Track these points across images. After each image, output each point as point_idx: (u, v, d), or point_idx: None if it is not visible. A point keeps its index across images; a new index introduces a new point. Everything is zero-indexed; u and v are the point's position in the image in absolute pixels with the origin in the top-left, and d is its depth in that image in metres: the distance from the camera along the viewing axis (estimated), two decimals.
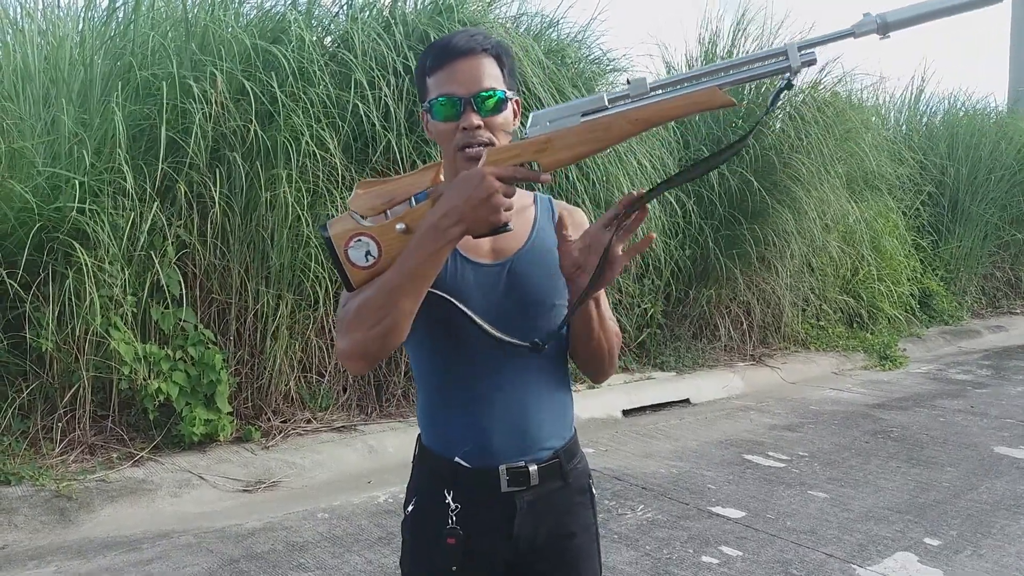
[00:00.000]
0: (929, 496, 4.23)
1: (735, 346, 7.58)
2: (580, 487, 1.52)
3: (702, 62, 7.93)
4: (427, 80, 1.42)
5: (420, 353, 1.48)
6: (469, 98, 1.37)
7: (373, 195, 1.30)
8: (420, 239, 1.26)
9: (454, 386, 1.45)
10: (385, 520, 3.81)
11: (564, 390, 1.52)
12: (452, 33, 1.45)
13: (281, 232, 4.56)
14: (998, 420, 5.86)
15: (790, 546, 3.57)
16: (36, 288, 4.03)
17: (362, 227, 1.29)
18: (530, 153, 1.27)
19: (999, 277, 11.23)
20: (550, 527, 1.47)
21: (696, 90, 1.23)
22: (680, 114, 1.25)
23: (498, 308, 1.42)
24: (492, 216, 1.24)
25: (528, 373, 1.45)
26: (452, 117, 1.38)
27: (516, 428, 1.44)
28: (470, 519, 1.42)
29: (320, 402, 4.99)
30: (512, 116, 1.44)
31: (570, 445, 1.51)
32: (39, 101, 4.32)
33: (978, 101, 11.44)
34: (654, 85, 1.24)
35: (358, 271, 1.29)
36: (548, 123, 1.27)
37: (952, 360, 8.41)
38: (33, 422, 4.16)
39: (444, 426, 1.47)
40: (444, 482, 1.44)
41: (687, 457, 4.89)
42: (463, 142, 1.38)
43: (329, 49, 5.14)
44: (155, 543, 3.53)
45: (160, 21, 4.86)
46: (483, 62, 1.39)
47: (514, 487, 1.43)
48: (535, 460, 1.44)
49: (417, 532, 1.49)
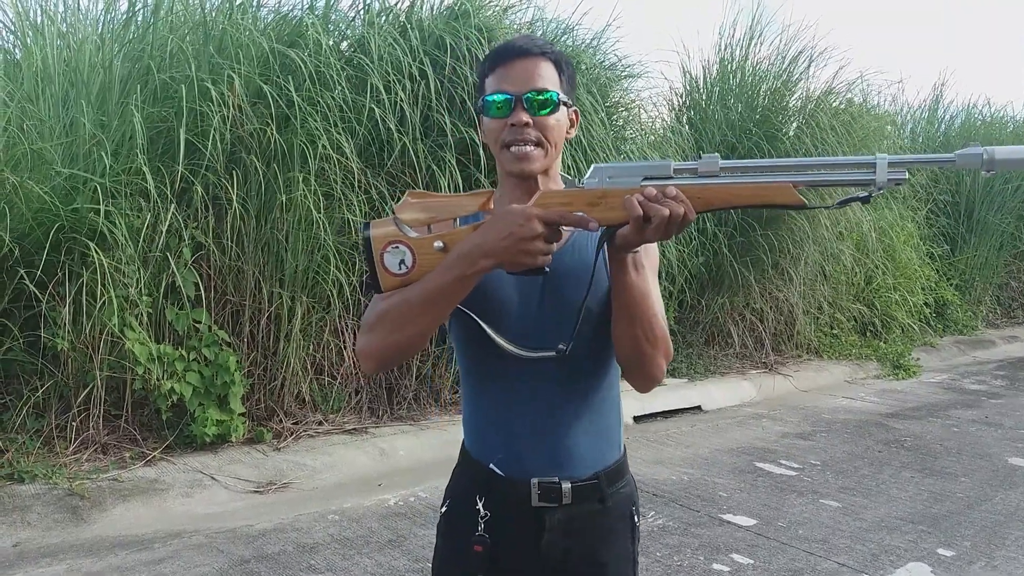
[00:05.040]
0: (942, 506, 4.20)
1: (748, 353, 7.55)
2: (621, 513, 1.47)
3: (717, 70, 7.93)
4: (485, 81, 1.41)
5: (461, 358, 1.48)
6: (520, 96, 1.34)
7: (420, 207, 1.30)
8: (451, 262, 1.25)
9: (489, 393, 1.44)
10: (395, 523, 3.82)
11: (609, 408, 1.47)
12: (514, 37, 1.44)
13: (296, 235, 4.59)
14: (1012, 431, 5.81)
15: (801, 555, 3.55)
16: (52, 288, 4.06)
17: (403, 235, 1.29)
18: (582, 204, 1.23)
19: (1014, 287, 11.16)
20: (582, 552, 1.42)
21: (768, 182, 1.19)
22: (745, 203, 1.21)
23: (536, 314, 1.39)
24: (527, 258, 1.21)
25: (560, 379, 1.40)
26: (502, 115, 1.36)
27: (548, 442, 1.40)
28: (499, 529, 1.40)
29: (332, 404, 5.00)
30: (568, 124, 1.41)
31: (615, 467, 1.46)
32: (59, 103, 4.37)
33: (996, 110, 11.40)
34: (725, 166, 1.20)
35: (390, 276, 1.29)
36: (608, 178, 1.24)
37: (966, 370, 8.35)
38: (47, 421, 4.19)
39: (481, 431, 1.46)
40: (478, 487, 1.43)
41: (698, 464, 4.88)
42: (510, 139, 1.35)
43: (346, 53, 5.17)
44: (166, 543, 3.54)
45: (179, 25, 4.90)
46: (539, 63, 1.37)
47: (545, 503, 1.39)
48: (571, 478, 1.40)
49: (447, 534, 1.49)
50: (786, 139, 7.31)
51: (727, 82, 7.90)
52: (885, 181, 1.14)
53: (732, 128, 7.45)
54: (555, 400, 1.41)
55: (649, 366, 1.39)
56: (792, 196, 1.18)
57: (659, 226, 1.17)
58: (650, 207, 1.17)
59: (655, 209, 1.17)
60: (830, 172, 1.20)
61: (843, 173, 1.18)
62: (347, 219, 4.73)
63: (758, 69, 7.87)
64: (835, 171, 1.19)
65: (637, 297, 1.31)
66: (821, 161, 1.20)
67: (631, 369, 1.42)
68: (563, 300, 1.38)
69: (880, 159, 1.13)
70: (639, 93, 7.22)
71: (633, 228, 1.19)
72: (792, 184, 1.18)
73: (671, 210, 1.17)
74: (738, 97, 7.80)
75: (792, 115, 7.75)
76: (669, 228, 1.18)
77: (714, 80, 7.96)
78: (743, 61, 7.90)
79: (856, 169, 1.17)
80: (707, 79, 7.98)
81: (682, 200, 1.18)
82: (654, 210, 1.17)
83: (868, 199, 1.17)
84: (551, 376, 1.39)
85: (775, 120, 7.48)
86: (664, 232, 1.18)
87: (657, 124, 7.39)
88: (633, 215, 1.18)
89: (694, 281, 6.95)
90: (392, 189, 4.98)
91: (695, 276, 6.91)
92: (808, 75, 7.87)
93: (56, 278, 4.07)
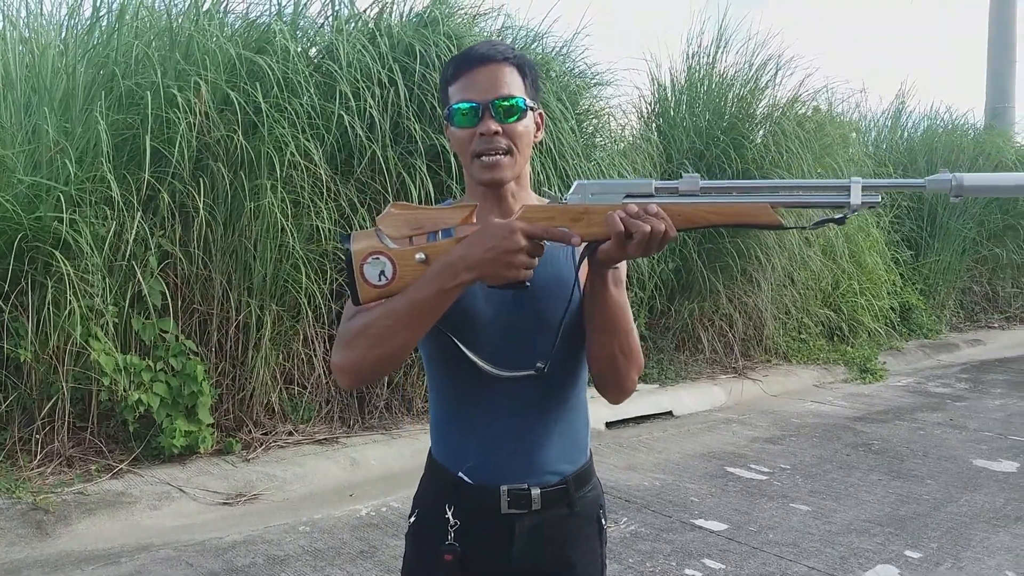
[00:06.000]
0: (909, 509, 4.26)
1: (718, 359, 7.61)
2: (588, 516, 1.48)
3: (685, 78, 8.00)
4: (448, 89, 1.40)
5: (431, 367, 1.47)
6: (487, 104, 1.34)
7: (402, 220, 1.29)
8: (432, 274, 1.25)
9: (460, 403, 1.44)
10: (367, 533, 3.79)
11: (577, 413, 1.48)
12: (476, 43, 1.44)
13: (265, 243, 4.54)
14: (976, 433, 5.91)
15: (772, 559, 3.58)
16: (15, 298, 3.99)
17: (383, 246, 1.28)
18: (566, 219, 1.25)
19: (977, 291, 11.35)
20: (552, 557, 1.43)
21: (748, 201, 1.22)
22: (724, 222, 1.24)
23: (507, 323, 1.39)
24: (509, 271, 1.22)
25: (536, 394, 1.41)
26: (470, 124, 1.36)
27: (520, 449, 1.41)
28: (468, 537, 1.40)
29: (302, 414, 4.96)
30: (535, 128, 1.42)
31: (582, 471, 1.47)
32: (20, 109, 4.29)
33: (957, 117, 11.61)
34: (705, 186, 1.23)
35: (369, 288, 1.28)
36: (591, 195, 1.26)
37: (931, 373, 8.48)
38: (10, 434, 4.11)
39: (450, 440, 1.45)
40: (446, 497, 1.43)
41: (670, 470, 4.90)
42: (480, 148, 1.35)
43: (314, 60, 5.14)
44: (134, 556, 3.48)
45: (144, 30, 4.84)
46: (504, 70, 1.37)
47: (515, 509, 1.39)
48: (540, 484, 1.41)
49: (417, 544, 1.48)
50: (752, 146, 7.39)
51: (695, 90, 7.97)
52: (859, 203, 1.18)
53: (700, 135, 7.52)
54: (529, 412, 1.41)
55: (623, 380, 1.42)
56: (770, 216, 1.22)
57: (640, 242, 1.20)
58: (632, 223, 1.20)
59: (637, 225, 1.19)
60: (807, 194, 1.24)
61: (819, 195, 1.23)
62: (316, 226, 4.69)
63: (725, 77, 7.96)
64: (811, 193, 1.24)
65: (615, 312, 1.34)
66: (798, 183, 1.24)
67: (605, 383, 1.44)
68: (537, 314, 1.39)
69: (854, 182, 1.18)
70: (608, 101, 7.24)
71: (615, 244, 1.21)
72: (770, 205, 1.21)
73: (652, 227, 1.19)
74: (706, 104, 7.88)
75: (759, 122, 7.83)
76: (650, 245, 1.20)
77: (682, 88, 8.02)
78: (710, 68, 7.98)
79: (831, 191, 1.22)
80: (675, 87, 8.05)
81: (663, 217, 1.20)
82: (636, 226, 1.19)
83: (843, 221, 1.21)
84: (525, 390, 1.40)
85: (742, 127, 7.56)
86: (645, 248, 1.21)
87: (627, 132, 7.44)
88: (615, 231, 1.20)
89: (664, 287, 7.00)
90: (362, 196, 4.95)
91: (665, 282, 6.96)
92: (775, 83, 7.97)
93: (19, 287, 4.00)
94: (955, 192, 1.18)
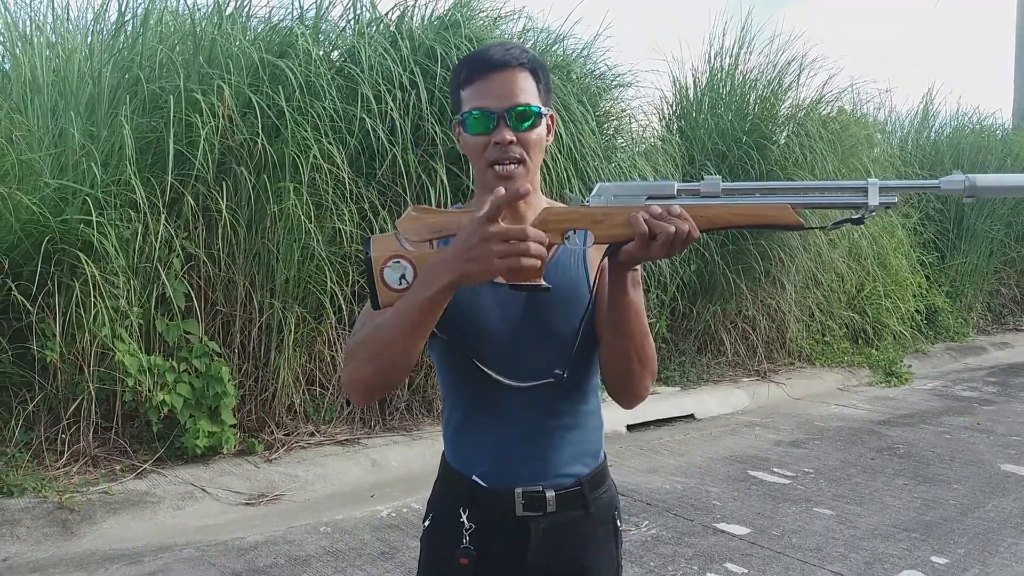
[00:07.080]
0: (936, 514, 4.20)
1: (740, 361, 7.56)
2: (603, 518, 1.48)
3: (707, 79, 7.96)
4: (461, 93, 1.39)
5: (442, 374, 1.48)
6: (503, 112, 1.34)
7: (422, 224, 1.28)
8: (416, 284, 1.24)
9: (474, 409, 1.43)
10: (388, 534, 3.80)
11: (591, 416, 1.47)
12: (488, 45, 1.42)
13: (288, 245, 4.57)
14: (1004, 437, 5.82)
15: (795, 563, 3.54)
16: (42, 299, 4.04)
17: (404, 250, 1.28)
18: (586, 222, 1.25)
19: (1005, 294, 11.20)
20: (567, 559, 1.43)
21: (768, 203, 1.23)
22: (745, 223, 1.25)
23: (518, 331, 1.39)
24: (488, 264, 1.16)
25: (551, 399, 1.41)
26: (485, 131, 1.35)
27: (534, 453, 1.40)
28: (483, 540, 1.40)
29: (324, 415, 4.98)
30: (546, 132, 1.41)
31: (596, 473, 1.47)
32: (47, 113, 4.35)
33: (985, 117, 11.47)
34: (727, 188, 1.24)
35: (389, 292, 1.28)
36: (612, 197, 1.26)
37: (958, 377, 8.37)
38: (37, 433, 4.16)
39: (464, 444, 1.45)
40: (461, 500, 1.42)
41: (692, 473, 4.87)
42: (494, 158, 1.35)
43: (336, 63, 5.16)
44: (157, 556, 3.51)
45: (168, 35, 4.89)
46: (518, 76, 1.36)
47: (529, 512, 1.39)
48: (554, 486, 1.41)
49: (432, 548, 1.48)
50: (776, 147, 7.33)
51: (717, 91, 7.93)
52: (876, 204, 1.20)
53: (722, 137, 7.46)
54: (543, 417, 1.41)
55: (637, 385, 1.42)
56: (791, 217, 1.22)
57: (664, 243, 1.19)
58: (656, 224, 1.19)
59: (661, 226, 1.19)
60: (826, 195, 1.26)
61: (838, 196, 1.24)
62: (338, 229, 4.72)
63: (748, 78, 7.91)
64: (830, 194, 1.26)
65: (633, 314, 1.33)
66: (817, 185, 1.25)
67: (618, 387, 1.44)
68: (549, 321, 1.39)
69: (872, 184, 1.19)
70: (629, 102, 7.20)
71: (638, 245, 1.21)
72: (791, 206, 1.22)
73: (676, 227, 1.19)
74: (728, 106, 7.83)
75: (782, 123, 7.77)
76: (674, 245, 1.20)
77: (704, 89, 7.98)
78: (732, 69, 7.93)
79: (850, 193, 1.23)
80: (697, 88, 8.01)
81: (686, 218, 1.20)
82: (660, 227, 1.19)
83: (861, 221, 1.22)
84: (540, 395, 1.40)
85: (765, 129, 7.51)
86: (669, 249, 1.20)
87: (647, 133, 7.40)
88: (639, 231, 1.20)
89: (686, 289, 6.96)
90: (383, 199, 4.97)
91: (687, 284, 6.92)
92: (799, 83, 7.91)
93: (46, 289, 4.05)
94: (968, 193, 1.19)
